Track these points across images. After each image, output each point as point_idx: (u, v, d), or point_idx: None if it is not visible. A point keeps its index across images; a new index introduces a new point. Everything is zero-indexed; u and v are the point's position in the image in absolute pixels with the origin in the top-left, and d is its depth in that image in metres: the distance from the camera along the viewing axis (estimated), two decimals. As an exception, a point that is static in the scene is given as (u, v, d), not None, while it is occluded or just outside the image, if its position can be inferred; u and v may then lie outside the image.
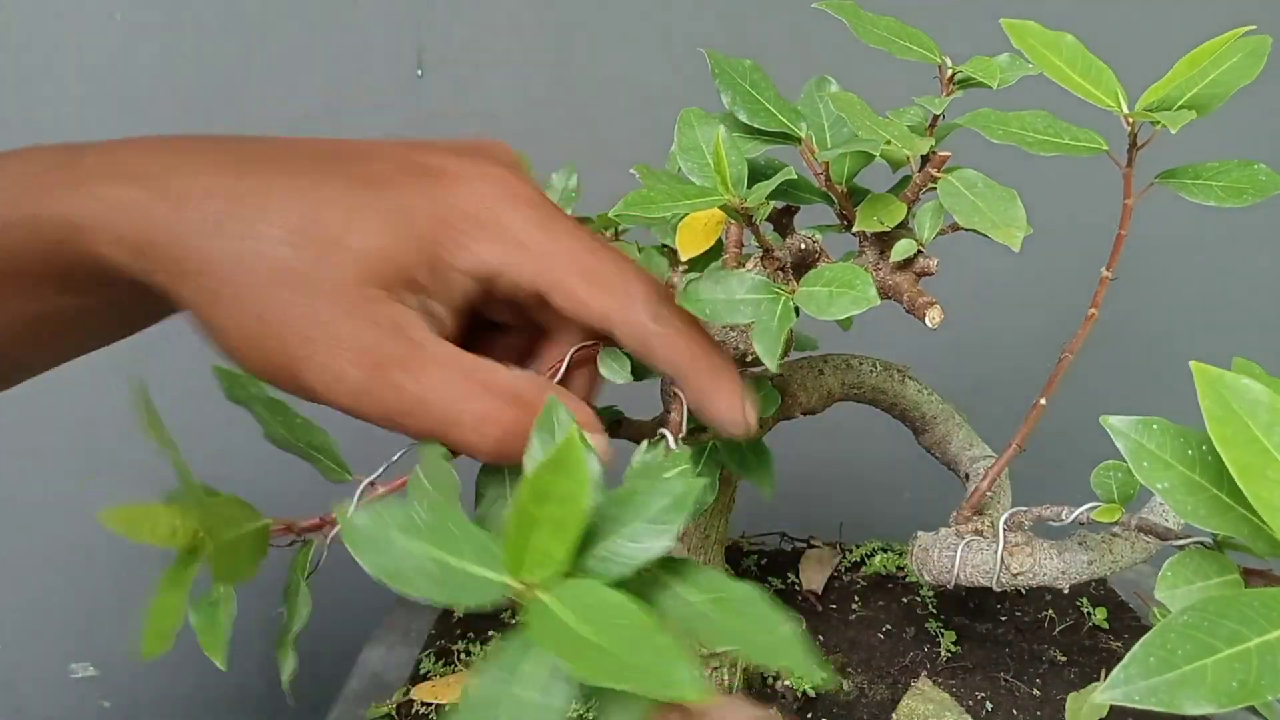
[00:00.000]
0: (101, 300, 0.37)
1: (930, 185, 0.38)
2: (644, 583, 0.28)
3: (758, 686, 0.50)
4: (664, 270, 0.44)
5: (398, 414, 0.34)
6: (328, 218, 0.34)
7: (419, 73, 0.83)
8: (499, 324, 0.40)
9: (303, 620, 0.37)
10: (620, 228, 0.52)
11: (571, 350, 0.38)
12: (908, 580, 0.61)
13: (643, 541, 0.27)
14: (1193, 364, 0.25)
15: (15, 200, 0.35)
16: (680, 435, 0.38)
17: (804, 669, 0.25)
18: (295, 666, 0.37)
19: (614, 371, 0.38)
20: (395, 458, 0.38)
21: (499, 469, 0.38)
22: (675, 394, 0.39)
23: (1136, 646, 0.22)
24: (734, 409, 0.37)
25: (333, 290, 0.33)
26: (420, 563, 0.25)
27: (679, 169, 0.40)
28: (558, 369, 0.38)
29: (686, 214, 0.38)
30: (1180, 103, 0.38)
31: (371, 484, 0.37)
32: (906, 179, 0.40)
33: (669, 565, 0.28)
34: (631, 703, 0.24)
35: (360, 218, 0.34)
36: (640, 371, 0.41)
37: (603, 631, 0.23)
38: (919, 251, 0.39)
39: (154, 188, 0.34)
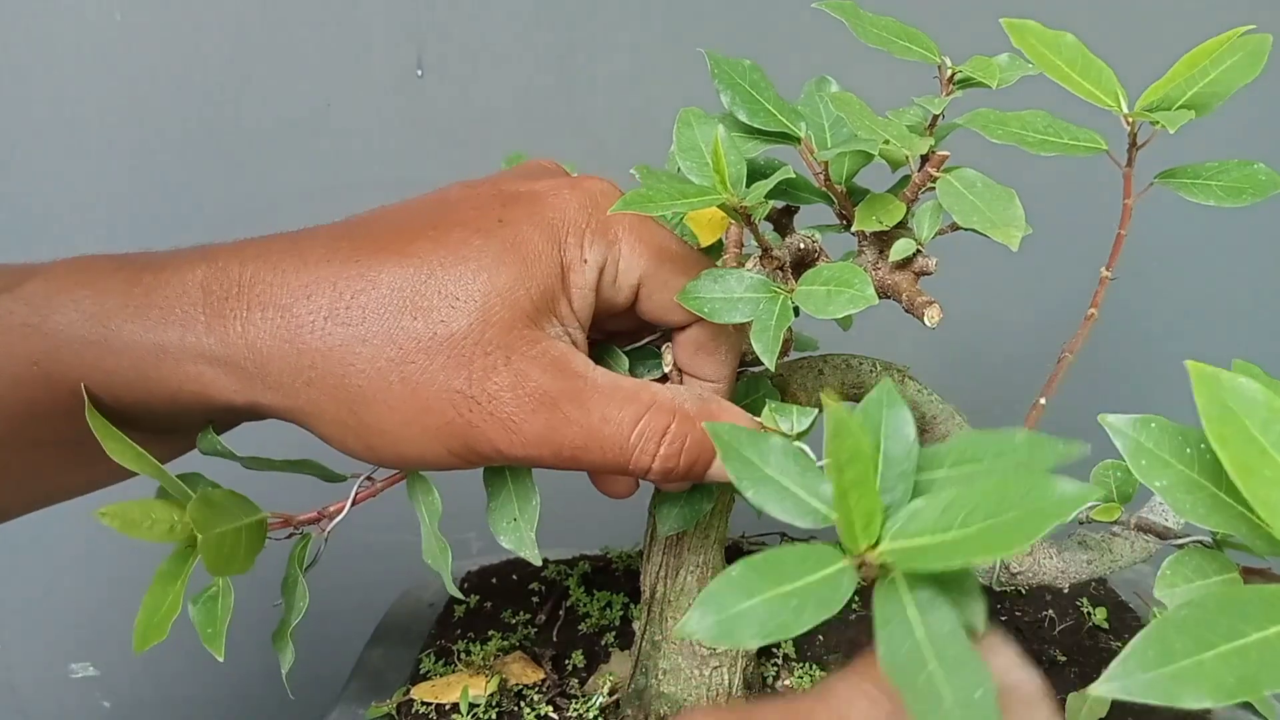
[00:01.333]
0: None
1: (929, 185, 0.39)
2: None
3: (758, 686, 0.50)
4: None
5: (575, 450, 0.33)
6: (446, 279, 0.32)
7: (419, 73, 0.83)
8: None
9: (300, 613, 0.37)
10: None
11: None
12: (907, 580, 0.61)
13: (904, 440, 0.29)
14: (1188, 363, 0.25)
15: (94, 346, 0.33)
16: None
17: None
18: (294, 659, 0.37)
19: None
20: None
21: (500, 471, 0.38)
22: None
23: (1135, 640, 0.22)
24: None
25: (481, 346, 0.32)
26: (792, 604, 0.25)
27: (678, 169, 0.40)
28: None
29: (686, 213, 0.38)
30: (1180, 102, 0.38)
31: (369, 479, 0.37)
32: (906, 179, 0.41)
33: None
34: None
35: (478, 265, 0.33)
36: (637, 372, 0.41)
37: (966, 518, 0.24)
38: (918, 251, 0.39)
39: (252, 307, 0.32)
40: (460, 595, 0.37)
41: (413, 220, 0.35)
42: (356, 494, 0.37)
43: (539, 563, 0.39)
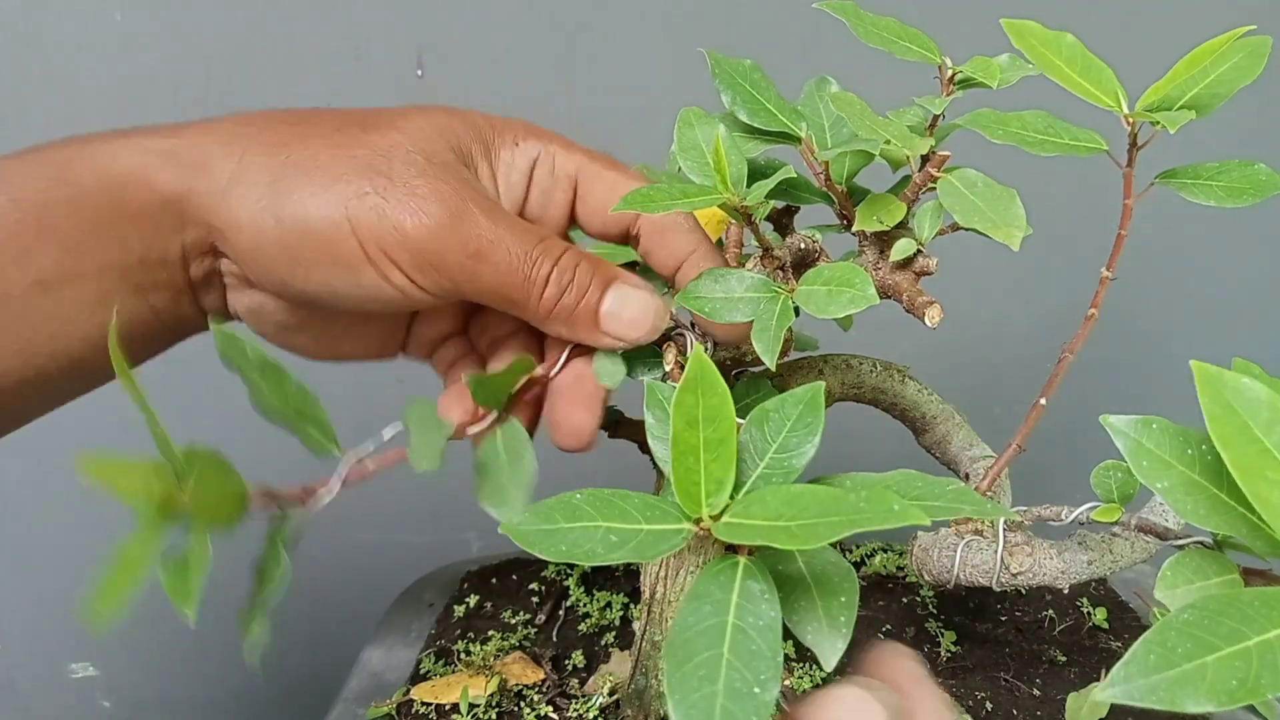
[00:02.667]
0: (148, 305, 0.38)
1: (930, 185, 0.38)
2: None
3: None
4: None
5: (478, 250, 0.35)
6: (385, 112, 0.37)
7: (419, 73, 0.83)
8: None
9: (275, 589, 0.35)
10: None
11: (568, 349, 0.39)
12: (908, 580, 0.61)
13: (798, 448, 0.30)
14: (1193, 363, 0.25)
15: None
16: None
17: (984, 512, 0.28)
18: (265, 639, 0.36)
19: (609, 375, 0.39)
20: (387, 436, 0.37)
21: (493, 444, 0.38)
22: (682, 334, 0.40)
23: (1136, 644, 0.22)
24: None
25: (403, 150, 0.35)
26: (598, 536, 0.27)
27: (679, 168, 0.40)
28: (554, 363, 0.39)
29: (686, 212, 0.38)
30: (1180, 103, 0.38)
31: (360, 460, 0.36)
32: (906, 179, 0.40)
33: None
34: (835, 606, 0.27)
35: (421, 110, 0.37)
36: (636, 373, 0.41)
37: (799, 514, 0.25)
38: (918, 251, 0.39)
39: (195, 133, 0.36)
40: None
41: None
42: (346, 475, 0.36)
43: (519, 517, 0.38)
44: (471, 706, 0.48)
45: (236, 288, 0.38)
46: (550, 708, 0.48)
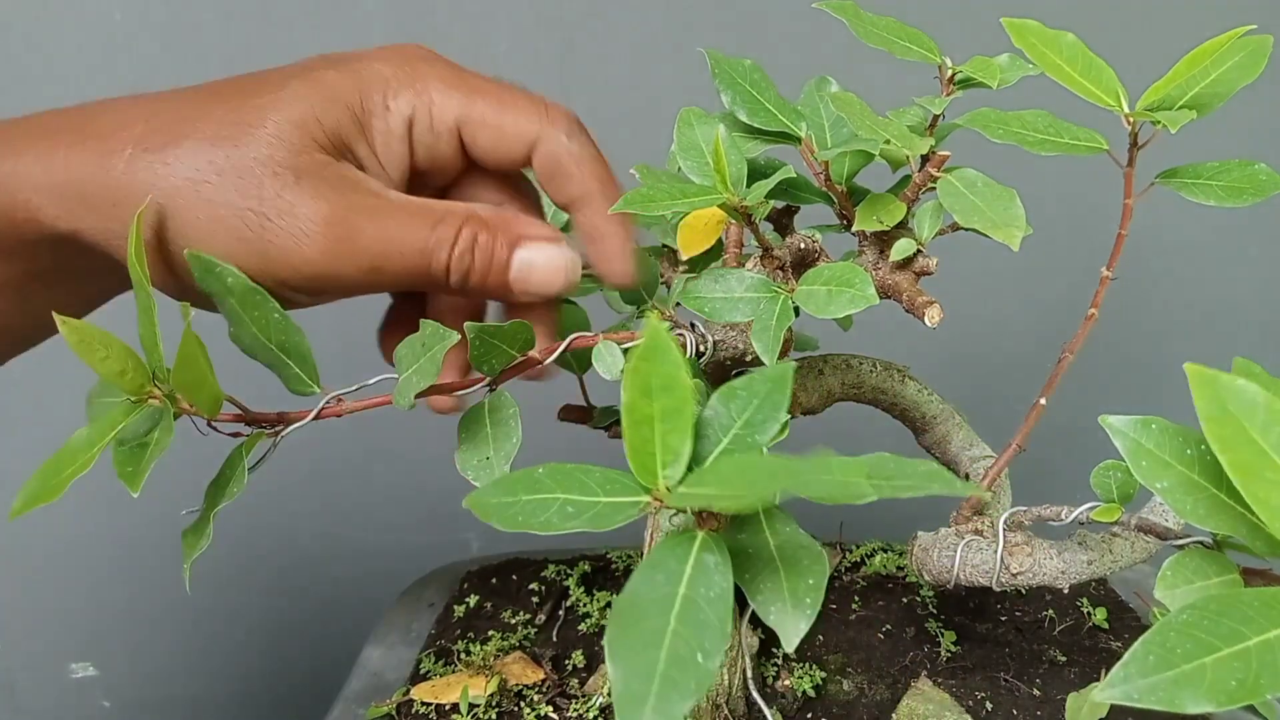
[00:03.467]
0: (26, 270, 0.37)
1: (930, 185, 0.38)
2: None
3: (758, 686, 0.50)
4: (656, 273, 0.45)
5: (376, 260, 0.34)
6: (245, 111, 0.35)
7: (419, 73, 0.83)
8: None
9: (230, 498, 0.35)
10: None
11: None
12: (908, 580, 0.61)
13: (763, 425, 0.30)
14: (1187, 366, 0.25)
15: None
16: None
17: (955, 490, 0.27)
18: (201, 550, 0.35)
19: (607, 367, 0.39)
20: (373, 380, 0.37)
21: (479, 415, 0.38)
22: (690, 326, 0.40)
23: (1136, 645, 0.22)
24: (623, 254, 0.39)
25: (270, 167, 0.34)
26: (555, 507, 0.27)
27: (679, 168, 0.40)
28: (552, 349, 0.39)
29: (686, 212, 0.38)
30: (1181, 102, 0.38)
31: (338, 398, 0.36)
32: (906, 179, 0.40)
33: None
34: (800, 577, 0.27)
35: (277, 100, 0.35)
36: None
37: (748, 481, 0.25)
38: (918, 251, 0.39)
39: (74, 140, 0.35)
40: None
41: (246, 75, 0.38)
42: (322, 409, 0.36)
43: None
44: (471, 706, 0.48)
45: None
46: (550, 708, 0.48)
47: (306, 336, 0.36)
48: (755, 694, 0.36)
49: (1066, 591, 0.58)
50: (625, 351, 0.40)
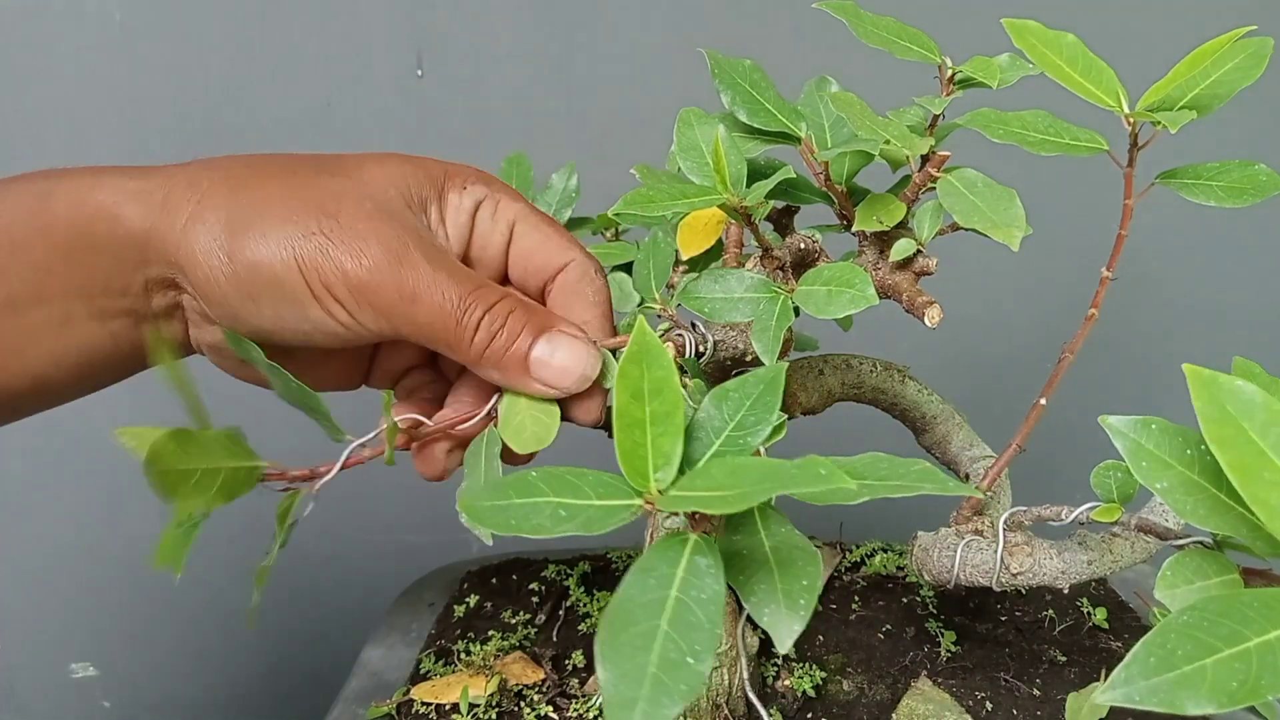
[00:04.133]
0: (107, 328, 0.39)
1: (930, 185, 0.38)
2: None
3: (758, 686, 0.50)
4: (670, 259, 0.45)
5: (414, 292, 0.36)
6: (345, 157, 0.39)
7: (419, 73, 0.83)
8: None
9: (272, 559, 0.37)
10: (620, 227, 0.52)
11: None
12: (908, 580, 0.61)
13: (755, 426, 0.30)
14: (1186, 367, 0.25)
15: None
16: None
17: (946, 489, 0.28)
18: (259, 600, 0.37)
19: (608, 374, 0.39)
20: (382, 427, 0.38)
21: (478, 450, 0.39)
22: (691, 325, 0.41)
23: (1137, 646, 0.22)
24: (600, 395, 0.41)
25: (349, 193, 0.37)
26: (548, 511, 0.27)
27: (679, 169, 0.40)
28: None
29: (686, 212, 0.38)
30: (1181, 103, 0.38)
31: (363, 446, 0.38)
32: (906, 179, 0.40)
33: None
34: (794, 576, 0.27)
35: (378, 157, 0.40)
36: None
37: (738, 483, 0.25)
38: (918, 251, 0.39)
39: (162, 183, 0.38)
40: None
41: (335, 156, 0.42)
42: (346, 459, 0.38)
43: (489, 542, 0.39)
44: (471, 706, 0.48)
45: (198, 324, 0.40)
46: (550, 708, 0.48)
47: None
48: (752, 695, 0.36)
49: (1066, 591, 0.58)
50: (616, 355, 0.40)
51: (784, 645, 0.27)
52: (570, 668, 0.52)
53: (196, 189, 0.37)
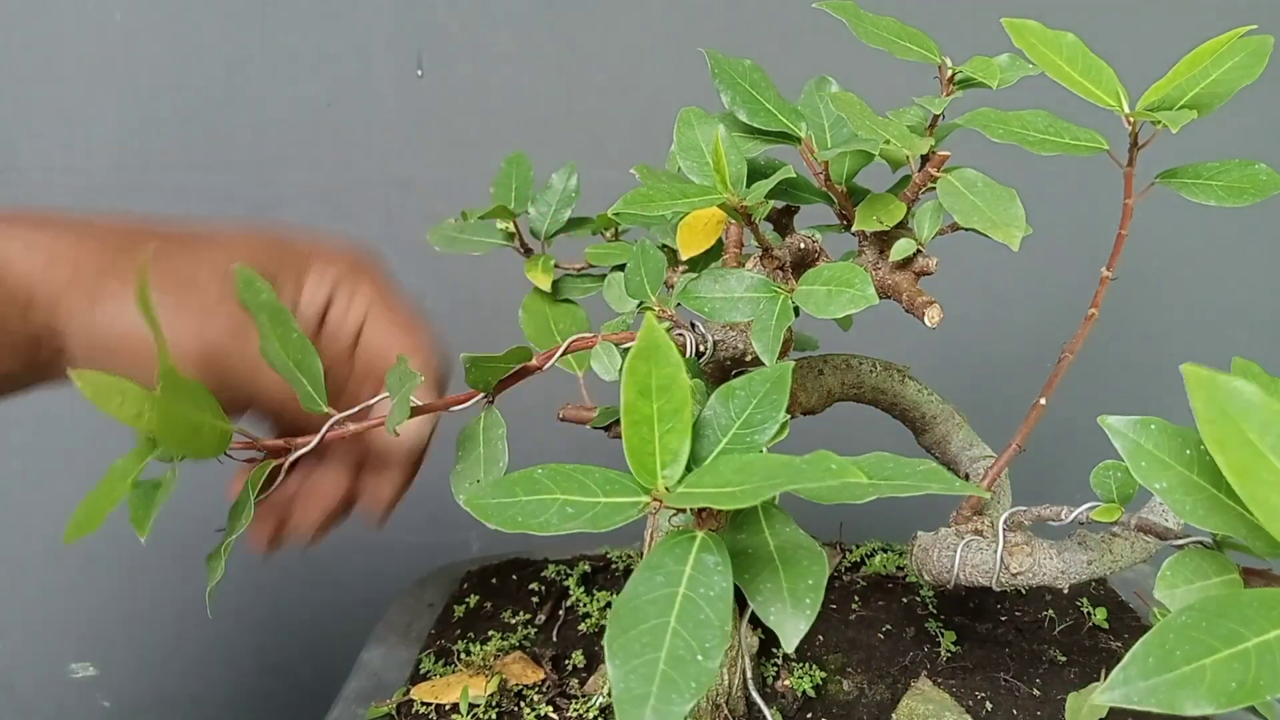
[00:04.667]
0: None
1: (930, 185, 0.38)
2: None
3: (758, 686, 0.50)
4: (662, 265, 0.45)
5: (254, 367, 0.39)
6: (206, 235, 0.42)
7: (419, 73, 0.83)
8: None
9: (241, 529, 0.37)
10: (620, 227, 0.52)
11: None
12: (908, 580, 0.61)
13: (762, 424, 0.30)
14: (1184, 367, 0.25)
15: None
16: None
17: (952, 489, 0.28)
18: (221, 575, 0.37)
19: (605, 368, 0.39)
20: (374, 401, 0.40)
21: (475, 432, 0.39)
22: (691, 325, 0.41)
23: (1136, 647, 0.22)
24: (391, 501, 0.50)
25: (206, 273, 0.40)
26: (555, 508, 0.27)
27: (679, 169, 0.40)
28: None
29: (686, 212, 0.38)
30: (1181, 102, 0.38)
31: (342, 421, 0.38)
32: (906, 179, 0.40)
33: None
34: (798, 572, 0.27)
35: (234, 237, 0.43)
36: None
37: (746, 479, 0.25)
38: (918, 251, 0.39)
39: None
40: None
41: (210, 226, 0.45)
42: (326, 432, 0.38)
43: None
44: (471, 706, 0.48)
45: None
46: (550, 708, 0.48)
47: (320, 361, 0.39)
48: (755, 694, 0.36)
49: (1066, 591, 0.58)
50: (623, 351, 0.40)
51: (790, 644, 0.27)
52: (570, 668, 0.52)
53: (69, 261, 0.40)
